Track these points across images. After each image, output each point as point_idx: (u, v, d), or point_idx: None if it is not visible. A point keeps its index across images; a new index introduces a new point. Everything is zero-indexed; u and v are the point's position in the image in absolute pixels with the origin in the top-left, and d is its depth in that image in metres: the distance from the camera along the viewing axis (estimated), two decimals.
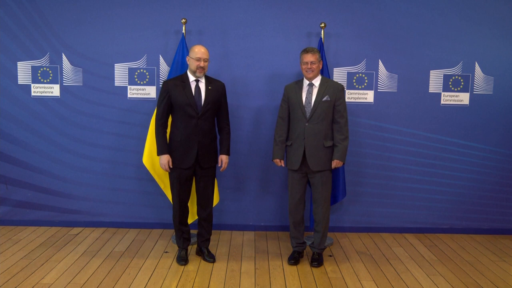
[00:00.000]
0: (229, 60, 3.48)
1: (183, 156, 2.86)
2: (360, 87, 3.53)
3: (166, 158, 2.87)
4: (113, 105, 3.53)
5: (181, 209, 2.94)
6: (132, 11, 3.48)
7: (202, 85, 2.89)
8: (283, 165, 3.03)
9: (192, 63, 2.85)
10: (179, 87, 2.85)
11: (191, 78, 2.89)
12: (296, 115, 2.93)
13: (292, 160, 2.96)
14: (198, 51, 2.83)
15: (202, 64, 2.82)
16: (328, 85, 2.93)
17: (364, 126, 3.56)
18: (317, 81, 2.94)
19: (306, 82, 2.95)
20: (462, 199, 3.65)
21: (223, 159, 3.02)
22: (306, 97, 2.91)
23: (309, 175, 2.95)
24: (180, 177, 2.88)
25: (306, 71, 2.91)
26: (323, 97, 2.88)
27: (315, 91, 2.91)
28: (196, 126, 2.84)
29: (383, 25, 3.50)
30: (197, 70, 2.83)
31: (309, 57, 2.89)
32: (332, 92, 2.90)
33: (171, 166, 2.88)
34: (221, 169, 3.05)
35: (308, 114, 2.88)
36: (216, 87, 2.94)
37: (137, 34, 3.49)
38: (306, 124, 2.87)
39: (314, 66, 2.89)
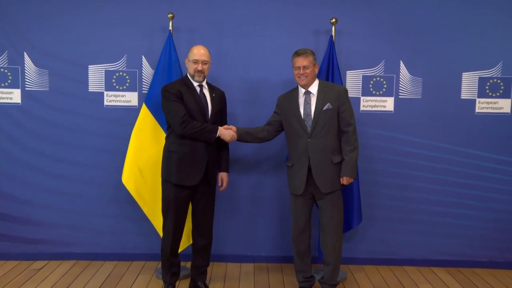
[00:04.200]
0: (225, 63, 3.89)
1: (190, 171, 3.23)
2: (378, 93, 3.93)
3: (224, 129, 3.26)
4: (87, 114, 3.92)
5: (174, 237, 3.30)
6: (110, 4, 3.88)
7: (206, 92, 3.33)
8: (233, 130, 3.31)
9: (190, 66, 3.29)
10: (187, 92, 3.24)
11: (195, 83, 3.30)
12: (295, 130, 3.25)
13: (295, 183, 3.27)
14: (197, 53, 3.25)
15: (200, 67, 3.24)
16: (328, 90, 3.25)
17: (382, 138, 3.94)
18: (314, 88, 3.27)
19: (301, 91, 3.28)
20: (503, 226, 3.98)
21: (224, 177, 3.43)
22: (304, 109, 3.23)
23: (316, 197, 3.27)
24: (178, 198, 3.24)
25: (299, 77, 3.25)
26: (324, 106, 3.19)
27: (313, 100, 3.24)
28: None
29: (405, 21, 3.88)
30: (196, 74, 3.25)
31: (301, 61, 3.22)
32: (334, 98, 3.21)
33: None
34: (221, 188, 3.45)
35: (309, 128, 3.20)
36: (218, 95, 3.38)
37: (115, 31, 3.89)
38: (309, 140, 3.19)
39: (307, 71, 3.21)
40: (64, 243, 4.02)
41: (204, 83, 3.34)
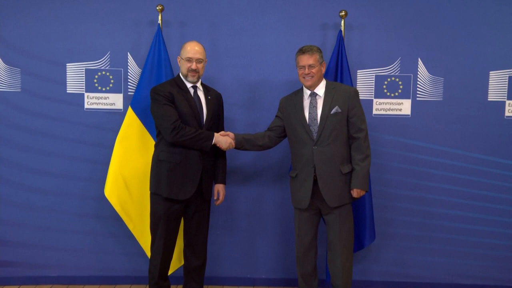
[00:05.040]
0: (222, 61, 4.11)
1: (183, 183, 3.43)
2: (393, 95, 4.15)
3: (220, 135, 3.46)
4: (64, 118, 4.11)
5: (164, 258, 3.50)
6: None
7: (201, 94, 3.56)
8: (230, 137, 3.51)
9: (182, 64, 3.51)
10: (179, 94, 3.44)
11: (188, 84, 3.52)
12: (299, 137, 3.47)
13: (299, 196, 3.47)
14: (190, 50, 3.47)
15: (194, 66, 3.46)
16: (336, 92, 3.46)
17: (398, 146, 4.15)
18: (321, 89, 3.49)
19: (307, 92, 3.51)
20: None
21: (220, 189, 3.65)
22: (309, 112, 3.45)
23: (323, 212, 3.48)
24: (168, 213, 3.44)
25: (304, 78, 3.46)
26: (332, 109, 3.40)
27: (320, 103, 3.46)
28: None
29: (424, 13, 4.10)
30: (189, 74, 3.48)
31: (306, 59, 3.43)
32: (343, 101, 3.42)
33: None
34: (216, 202, 3.67)
35: (315, 134, 3.41)
36: (214, 97, 3.60)
37: (97, 25, 4.10)
38: (314, 148, 3.39)
39: (313, 71, 3.43)
40: (37, 265, 4.20)
41: (198, 84, 3.56)
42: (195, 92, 3.53)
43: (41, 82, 4.12)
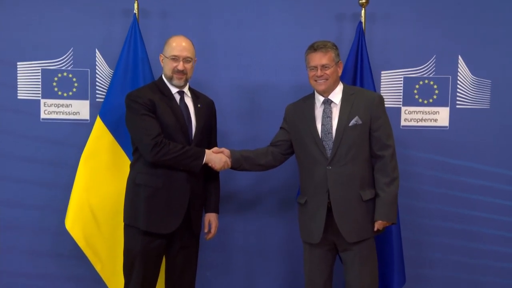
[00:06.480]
0: (212, 61, 4.36)
1: (165, 213, 3.57)
2: (426, 101, 4.40)
3: (214, 153, 3.64)
4: (15, 131, 4.32)
5: None
6: None
7: (189, 101, 3.74)
8: (225, 155, 3.70)
9: (166, 64, 3.69)
10: (162, 102, 3.62)
11: (173, 89, 3.70)
12: (309, 154, 3.64)
13: (310, 227, 3.64)
14: (176, 46, 3.64)
15: (181, 66, 3.63)
16: (356, 98, 3.63)
17: (433, 165, 4.39)
18: (336, 95, 3.68)
19: (319, 99, 3.70)
20: None
21: (212, 220, 3.84)
22: (322, 124, 3.63)
23: (339, 248, 3.65)
24: (147, 251, 3.60)
25: (316, 81, 3.64)
26: (350, 120, 3.56)
27: (335, 112, 3.64)
28: None
29: (465, 1, 4.33)
30: (174, 76, 3.65)
31: (319, 58, 3.60)
32: (364, 109, 3.58)
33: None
34: (207, 236, 3.85)
35: (329, 151, 3.58)
36: (205, 105, 3.79)
37: (58, 15, 4.31)
38: (328, 168, 3.56)
39: (327, 72, 3.59)
40: None
41: (185, 89, 3.75)
42: (182, 99, 3.72)
43: None
